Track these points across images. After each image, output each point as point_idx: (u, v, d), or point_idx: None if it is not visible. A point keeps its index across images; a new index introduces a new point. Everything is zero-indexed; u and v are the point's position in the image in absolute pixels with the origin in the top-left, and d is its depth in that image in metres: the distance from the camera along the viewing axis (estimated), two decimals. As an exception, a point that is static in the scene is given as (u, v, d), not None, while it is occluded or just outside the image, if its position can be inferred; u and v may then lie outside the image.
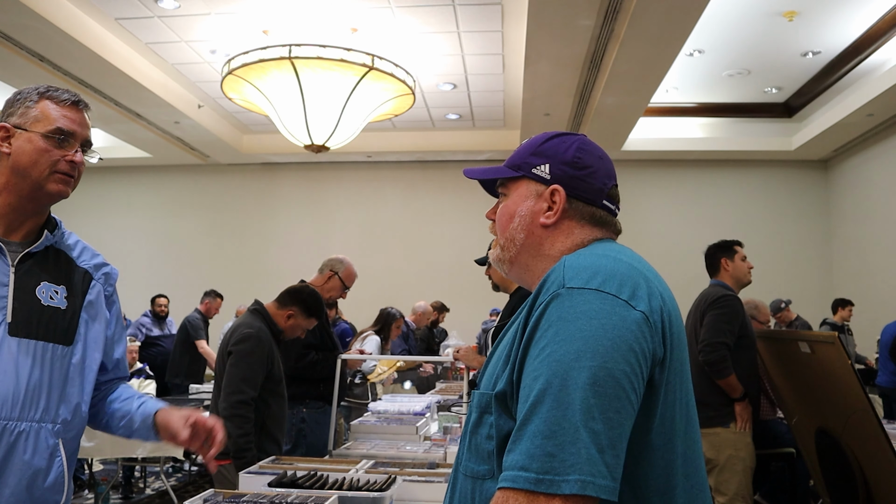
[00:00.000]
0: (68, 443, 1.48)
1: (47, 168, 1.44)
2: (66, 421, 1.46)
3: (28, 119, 1.45)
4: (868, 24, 6.47)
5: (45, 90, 1.49)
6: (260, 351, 2.81)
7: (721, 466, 3.33)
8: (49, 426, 1.42)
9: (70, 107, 1.49)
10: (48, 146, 1.44)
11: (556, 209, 1.08)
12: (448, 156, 9.84)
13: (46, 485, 1.41)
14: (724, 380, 3.31)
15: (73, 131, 1.47)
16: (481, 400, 0.99)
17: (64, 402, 1.45)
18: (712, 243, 3.69)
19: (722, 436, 3.33)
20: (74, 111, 1.49)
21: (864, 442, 2.85)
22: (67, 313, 1.48)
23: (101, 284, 1.59)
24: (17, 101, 1.48)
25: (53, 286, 1.48)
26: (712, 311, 3.37)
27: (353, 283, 3.83)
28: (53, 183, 1.45)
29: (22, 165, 1.43)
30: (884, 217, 8.36)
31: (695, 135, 9.39)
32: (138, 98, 7.46)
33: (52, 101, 1.48)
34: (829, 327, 7.29)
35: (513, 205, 1.12)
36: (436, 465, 2.48)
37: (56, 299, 1.47)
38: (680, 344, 0.97)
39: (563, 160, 1.10)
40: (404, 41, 6.55)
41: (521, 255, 1.11)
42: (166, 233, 10.60)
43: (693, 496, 0.96)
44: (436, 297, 8.19)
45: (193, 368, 6.87)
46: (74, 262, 1.55)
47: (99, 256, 1.63)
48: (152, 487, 5.71)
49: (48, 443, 1.42)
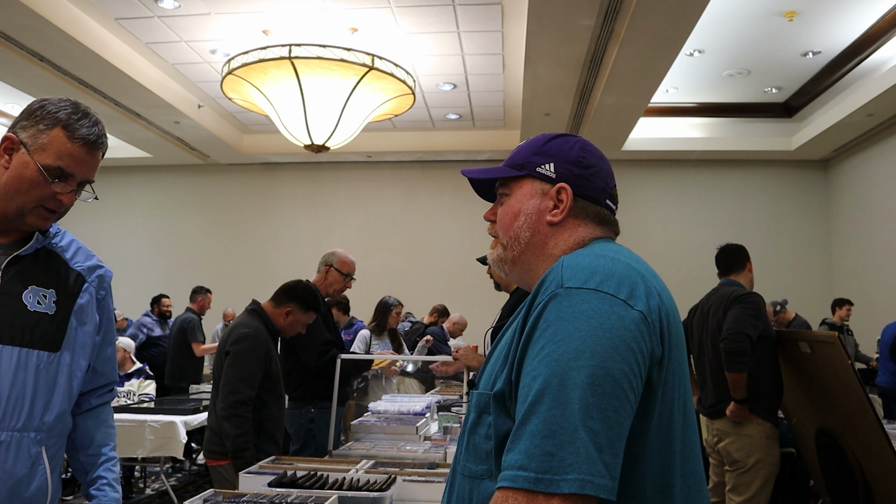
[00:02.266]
0: (51, 449, 1.45)
1: (34, 201, 1.39)
2: (49, 429, 1.43)
3: (36, 143, 1.38)
4: (868, 24, 6.47)
5: (66, 117, 1.39)
6: (257, 351, 2.81)
7: (746, 469, 3.31)
8: (32, 435, 1.39)
9: (82, 146, 1.40)
10: (42, 180, 1.37)
11: (564, 207, 1.09)
12: (448, 156, 9.84)
13: (29, 493, 1.38)
14: (737, 374, 3.23)
15: (73, 173, 1.40)
16: (480, 400, 0.99)
17: (48, 409, 1.42)
18: (731, 243, 3.65)
19: (755, 439, 3.30)
20: (85, 152, 1.41)
21: (864, 442, 2.85)
22: (56, 319, 1.44)
23: (93, 287, 1.54)
24: (36, 115, 1.40)
25: (42, 290, 1.43)
26: (739, 305, 3.33)
27: (353, 269, 3.79)
28: (34, 217, 1.41)
29: (12, 188, 1.38)
30: (884, 217, 8.36)
31: (695, 135, 9.38)
32: (138, 98, 7.46)
33: (67, 132, 1.39)
34: (829, 327, 7.29)
35: (517, 203, 1.12)
36: (436, 465, 2.48)
37: (44, 304, 1.43)
38: (678, 344, 0.97)
39: (567, 159, 1.11)
40: (404, 41, 6.55)
41: (524, 254, 1.11)
42: (166, 233, 10.60)
43: (691, 495, 0.96)
44: (435, 297, 8.19)
45: (192, 369, 6.88)
46: (67, 264, 1.50)
47: (93, 258, 1.58)
48: (152, 487, 5.71)
49: (30, 451, 1.39)
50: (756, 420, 3.31)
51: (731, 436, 3.36)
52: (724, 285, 3.55)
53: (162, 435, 4.55)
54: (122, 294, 9.62)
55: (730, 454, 3.36)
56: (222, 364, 2.83)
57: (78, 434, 1.58)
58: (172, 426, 4.57)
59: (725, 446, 3.38)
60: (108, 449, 1.61)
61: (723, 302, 3.43)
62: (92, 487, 1.55)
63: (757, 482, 3.30)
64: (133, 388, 5.51)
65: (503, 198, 1.15)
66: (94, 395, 1.62)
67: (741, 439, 3.31)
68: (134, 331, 7.16)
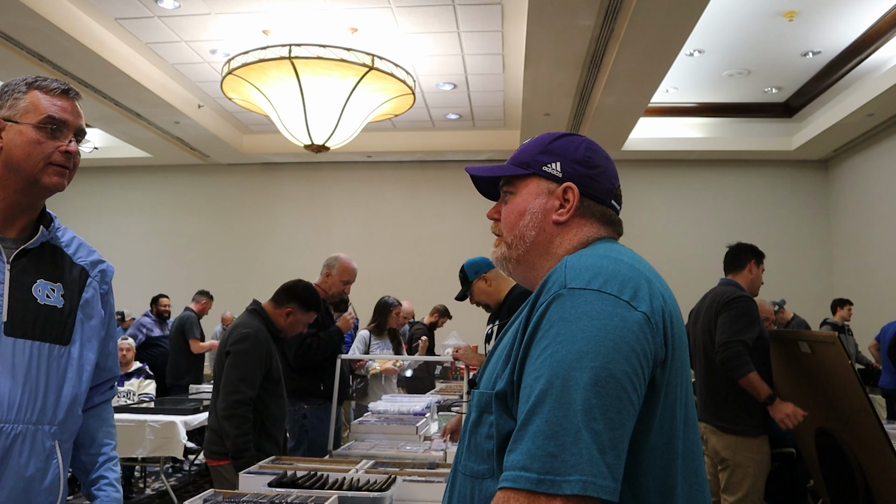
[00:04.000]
0: (64, 444, 1.45)
1: (41, 160, 1.39)
2: (62, 422, 1.43)
3: (18, 110, 1.40)
4: (868, 24, 6.47)
5: (33, 80, 1.44)
6: (258, 351, 2.81)
7: (735, 467, 3.30)
8: (46, 428, 1.39)
9: (60, 95, 1.43)
10: (41, 137, 1.39)
11: (570, 206, 1.09)
12: (448, 156, 9.84)
13: (43, 487, 1.38)
14: (745, 378, 3.13)
15: (65, 120, 1.42)
16: (481, 399, 0.98)
17: (60, 403, 1.42)
18: (741, 242, 3.61)
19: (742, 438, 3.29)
20: (65, 100, 1.44)
21: (864, 442, 2.85)
22: (64, 312, 1.44)
23: (97, 282, 1.55)
24: (6, 92, 1.42)
25: (50, 284, 1.44)
26: (726, 311, 3.28)
27: (353, 276, 3.85)
28: (48, 176, 1.40)
29: (15, 159, 1.38)
30: (884, 217, 8.36)
31: (695, 135, 9.39)
32: (138, 98, 7.46)
33: (41, 90, 1.42)
34: (829, 327, 7.29)
35: (522, 202, 1.11)
36: (436, 465, 2.48)
37: (52, 297, 1.43)
38: (681, 345, 0.97)
39: (573, 158, 1.11)
40: (404, 41, 6.54)
41: (529, 253, 1.11)
42: (166, 233, 10.60)
43: (692, 496, 0.96)
44: (435, 298, 8.17)
45: (192, 367, 6.88)
46: (71, 259, 1.51)
47: (95, 253, 1.59)
48: (152, 487, 5.71)
49: (45, 445, 1.39)
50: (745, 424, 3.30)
51: (716, 435, 3.36)
52: (721, 285, 3.55)
53: (162, 435, 4.55)
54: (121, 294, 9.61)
55: (718, 453, 3.36)
56: (223, 364, 2.83)
57: (80, 432, 1.58)
58: (172, 426, 4.57)
59: (713, 445, 3.38)
60: (109, 448, 1.61)
61: (713, 305, 3.42)
62: (93, 487, 1.55)
63: (748, 481, 3.28)
64: (133, 387, 5.51)
65: (508, 196, 1.15)
66: (97, 392, 1.62)
67: (728, 438, 3.31)
68: (133, 331, 7.15)
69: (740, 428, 3.29)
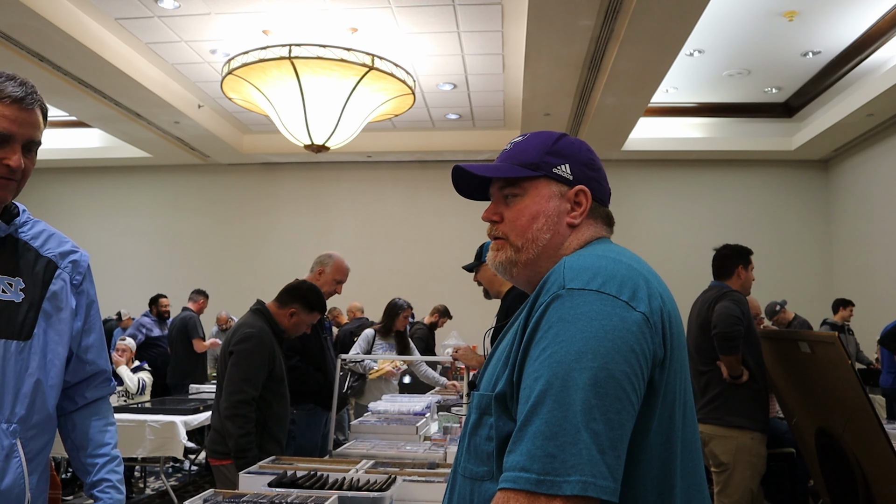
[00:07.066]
0: (29, 442, 1.40)
1: None
2: (23, 419, 1.38)
3: None
4: (868, 24, 6.47)
5: None
6: (261, 351, 2.81)
7: (732, 469, 3.32)
8: (4, 426, 1.35)
9: (11, 105, 1.33)
10: None
11: (584, 209, 1.09)
12: (448, 156, 9.84)
13: (3, 487, 1.33)
14: (732, 356, 3.26)
15: (10, 133, 1.32)
16: (481, 401, 0.98)
17: (20, 400, 1.37)
18: (727, 244, 3.61)
19: (739, 440, 3.31)
20: (16, 109, 1.33)
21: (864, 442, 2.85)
22: (23, 306, 1.40)
23: (67, 273, 1.49)
24: None
25: (7, 278, 1.40)
26: (724, 300, 3.36)
27: (346, 275, 3.65)
28: None
29: None
30: (884, 217, 8.36)
31: (695, 135, 9.39)
32: (138, 98, 7.46)
33: None
34: (830, 327, 7.28)
35: (535, 205, 1.09)
36: (436, 465, 2.48)
37: (10, 293, 1.39)
38: (680, 345, 0.97)
39: (580, 161, 1.11)
40: (404, 41, 6.55)
41: (540, 256, 1.09)
42: (166, 233, 10.60)
43: (691, 496, 0.96)
44: (436, 298, 8.18)
45: (195, 366, 6.89)
46: (36, 252, 1.46)
47: (67, 244, 1.53)
48: (152, 487, 5.71)
49: (2, 443, 1.34)
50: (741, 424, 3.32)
51: (715, 438, 3.37)
52: (712, 289, 3.56)
53: (162, 435, 4.55)
54: (121, 294, 9.65)
55: (716, 456, 3.38)
56: (226, 364, 2.83)
57: (77, 433, 1.55)
58: (172, 426, 4.57)
59: (711, 448, 3.39)
60: (109, 448, 1.57)
61: (707, 302, 3.46)
62: (96, 489, 1.52)
63: (744, 483, 3.31)
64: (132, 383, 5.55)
65: (513, 198, 1.11)
66: (87, 387, 1.57)
67: (726, 441, 3.33)
68: (133, 331, 7.15)
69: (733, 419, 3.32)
